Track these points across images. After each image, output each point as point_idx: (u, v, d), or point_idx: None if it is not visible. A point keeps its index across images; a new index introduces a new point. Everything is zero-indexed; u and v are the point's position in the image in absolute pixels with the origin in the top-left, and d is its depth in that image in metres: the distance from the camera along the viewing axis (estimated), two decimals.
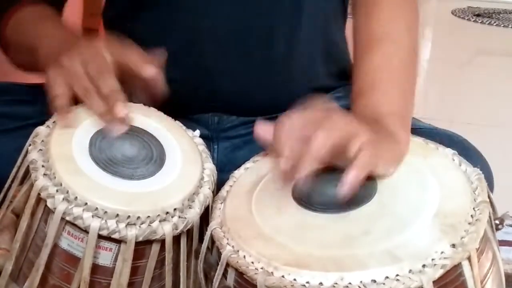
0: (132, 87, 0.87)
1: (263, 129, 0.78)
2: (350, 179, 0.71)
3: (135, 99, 0.88)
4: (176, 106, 0.91)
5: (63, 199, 0.74)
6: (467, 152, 0.85)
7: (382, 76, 0.87)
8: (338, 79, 1.08)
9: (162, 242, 0.78)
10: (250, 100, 1.02)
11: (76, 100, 0.84)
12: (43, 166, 0.77)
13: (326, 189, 0.76)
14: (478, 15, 3.59)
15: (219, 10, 0.99)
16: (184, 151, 0.86)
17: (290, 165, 0.73)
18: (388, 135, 0.79)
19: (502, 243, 1.12)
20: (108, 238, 0.75)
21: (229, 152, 1.05)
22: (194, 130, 0.91)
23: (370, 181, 0.76)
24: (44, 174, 0.76)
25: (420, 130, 0.87)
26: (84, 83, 0.83)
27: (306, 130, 0.73)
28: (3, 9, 1.01)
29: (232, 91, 1.02)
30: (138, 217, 0.75)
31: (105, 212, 0.74)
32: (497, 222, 0.77)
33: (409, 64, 0.90)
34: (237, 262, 0.71)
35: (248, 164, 0.86)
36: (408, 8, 0.95)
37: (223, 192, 0.82)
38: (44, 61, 0.89)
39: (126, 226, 0.75)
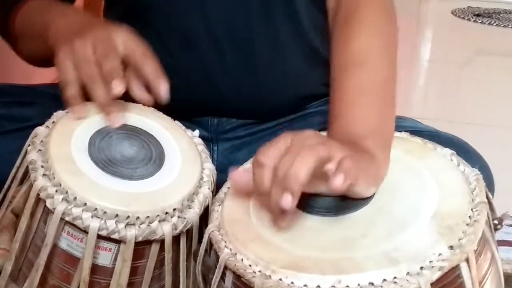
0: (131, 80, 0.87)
1: (239, 175, 0.78)
2: (339, 180, 0.69)
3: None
4: (175, 109, 0.91)
5: (62, 199, 0.75)
6: (467, 154, 0.85)
7: (359, 99, 0.86)
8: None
9: (162, 242, 0.78)
10: (249, 103, 1.02)
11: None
12: (42, 166, 0.77)
13: (324, 192, 0.76)
14: (478, 15, 3.59)
15: (215, 13, 0.99)
16: (183, 151, 0.86)
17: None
18: (366, 154, 0.77)
19: (502, 243, 1.12)
20: (107, 238, 0.75)
21: (229, 153, 1.05)
22: (193, 130, 0.91)
23: None
24: (44, 175, 0.76)
25: (420, 133, 0.87)
26: (91, 69, 0.83)
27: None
28: (12, 4, 1.01)
29: (230, 94, 1.02)
30: (138, 217, 0.75)
31: (105, 212, 0.74)
32: (495, 222, 0.77)
33: (386, 84, 0.88)
34: (235, 265, 0.70)
35: (247, 166, 0.86)
36: (386, 24, 0.93)
37: (221, 194, 0.82)
38: (54, 39, 0.89)
39: (125, 226, 0.75)
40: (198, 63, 1.00)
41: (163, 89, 0.85)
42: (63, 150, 0.79)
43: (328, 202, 0.75)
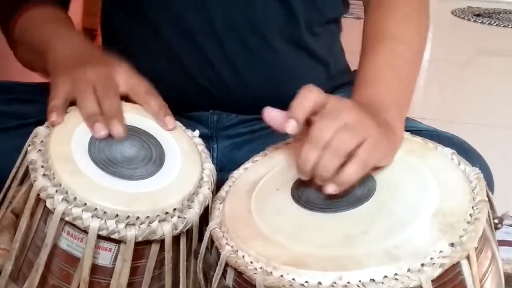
0: None
1: (272, 115, 0.79)
2: (351, 170, 0.73)
3: None
4: (175, 103, 0.91)
5: (62, 199, 0.74)
6: (468, 154, 0.85)
7: (386, 71, 0.89)
8: (333, 82, 1.08)
9: (162, 242, 0.78)
10: (248, 97, 1.03)
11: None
12: (42, 166, 0.77)
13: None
14: (478, 15, 3.59)
15: (214, 6, 0.99)
16: (183, 151, 0.86)
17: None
18: (387, 127, 0.80)
19: (502, 243, 1.12)
20: (107, 238, 0.75)
21: (229, 152, 1.05)
22: (194, 129, 0.91)
23: (368, 180, 0.76)
24: (44, 175, 0.76)
25: (420, 132, 0.87)
26: (85, 87, 0.84)
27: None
28: (13, 7, 1.01)
29: (230, 87, 1.02)
30: (138, 217, 0.75)
31: (105, 212, 0.74)
32: (496, 221, 0.77)
33: (413, 65, 0.92)
34: (236, 262, 0.71)
35: (247, 164, 0.86)
36: (420, 15, 0.97)
37: (222, 192, 0.82)
38: (53, 65, 0.89)
39: (125, 226, 0.75)
40: (198, 54, 1.01)
41: (168, 123, 0.87)
42: (63, 150, 0.79)
43: (329, 198, 0.75)
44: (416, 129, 0.91)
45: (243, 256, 0.71)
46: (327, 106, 0.76)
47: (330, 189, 0.73)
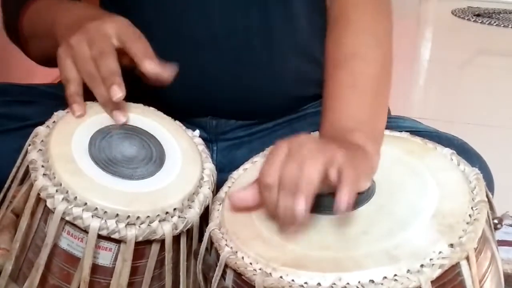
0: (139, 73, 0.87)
1: (240, 198, 0.77)
2: (345, 200, 0.69)
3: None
4: (173, 110, 0.91)
5: (62, 199, 0.75)
6: (467, 155, 0.85)
7: (348, 93, 0.86)
8: None
9: (162, 242, 0.78)
10: (248, 103, 1.02)
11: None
12: (42, 166, 0.77)
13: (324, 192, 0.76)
14: (478, 15, 3.58)
15: (213, 12, 0.99)
16: (183, 151, 0.86)
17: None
18: (357, 148, 0.78)
19: (502, 243, 1.12)
20: (107, 238, 0.75)
21: (228, 153, 1.05)
22: (193, 130, 0.91)
23: None
24: (44, 174, 0.76)
25: (419, 133, 0.87)
26: (89, 68, 0.84)
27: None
28: (18, 8, 1.00)
29: (229, 93, 1.02)
30: (138, 217, 0.76)
31: (105, 212, 0.74)
32: (495, 221, 0.77)
33: (378, 78, 0.89)
34: (236, 263, 0.71)
35: (246, 165, 0.86)
36: (376, 23, 0.94)
37: (221, 193, 0.82)
38: (59, 36, 0.89)
39: (125, 226, 0.75)
40: (196, 62, 1.00)
41: (148, 67, 0.84)
42: (64, 150, 0.79)
43: (328, 200, 0.75)
44: (415, 130, 0.91)
45: (243, 257, 0.71)
46: (288, 149, 0.73)
47: (344, 198, 0.69)
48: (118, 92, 0.82)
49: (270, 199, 0.72)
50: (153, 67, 0.84)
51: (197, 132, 0.91)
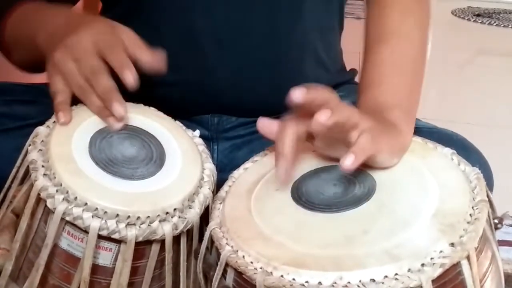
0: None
1: (265, 126, 0.79)
2: (348, 161, 0.71)
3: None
4: (175, 107, 0.91)
5: (63, 199, 0.74)
6: (467, 151, 0.85)
7: (389, 70, 0.88)
8: (332, 82, 1.08)
9: (162, 242, 0.78)
10: (249, 100, 1.03)
11: (75, 98, 0.85)
12: (43, 166, 0.77)
13: (325, 188, 0.77)
14: (478, 15, 3.59)
15: (217, 9, 0.99)
16: (184, 151, 0.86)
17: (288, 169, 0.73)
18: (391, 126, 0.79)
19: (502, 243, 1.12)
20: (108, 238, 0.75)
21: (229, 153, 1.05)
22: (194, 130, 0.91)
23: (368, 180, 0.76)
24: (44, 174, 0.76)
25: (419, 129, 0.87)
26: (78, 81, 0.84)
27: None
28: (2, 11, 1.00)
29: (231, 91, 1.02)
30: (138, 217, 0.75)
31: (105, 212, 0.74)
32: (496, 221, 0.77)
33: (417, 60, 0.92)
34: (236, 262, 0.71)
35: (247, 164, 0.86)
36: (419, 6, 0.97)
37: (222, 192, 0.82)
38: (45, 52, 0.88)
39: (126, 226, 0.75)
40: (199, 59, 1.00)
41: (127, 80, 0.83)
42: (64, 150, 0.79)
43: (329, 198, 0.75)
44: (415, 127, 0.91)
45: (243, 256, 0.71)
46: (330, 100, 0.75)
47: (349, 160, 0.71)
48: (120, 108, 0.82)
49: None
50: (130, 79, 0.83)
51: (197, 132, 0.91)
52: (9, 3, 1.00)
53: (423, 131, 0.87)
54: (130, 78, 0.82)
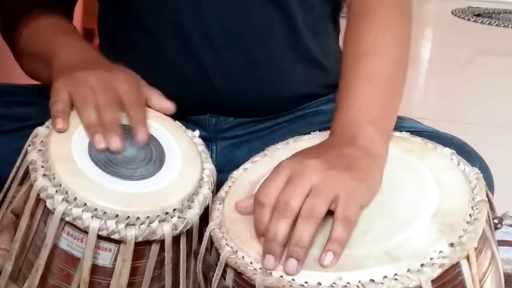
0: None
1: (243, 207, 0.77)
2: (328, 260, 0.69)
3: None
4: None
5: (62, 199, 0.74)
6: (467, 155, 0.85)
7: (364, 86, 0.87)
8: (328, 88, 1.08)
9: (162, 242, 0.78)
10: (245, 101, 1.03)
11: None
12: (42, 166, 0.77)
13: None
14: (478, 15, 3.59)
15: (210, 9, 0.99)
16: (183, 151, 0.86)
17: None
18: (365, 153, 0.78)
19: (502, 243, 1.12)
20: (107, 239, 0.75)
21: (228, 153, 1.05)
22: (192, 130, 0.91)
23: None
24: (44, 175, 0.76)
25: (419, 133, 0.87)
26: (85, 93, 0.83)
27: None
28: (17, 19, 1.00)
29: (227, 91, 1.02)
30: (138, 218, 0.75)
31: (105, 212, 0.74)
32: (495, 221, 0.77)
33: (393, 77, 0.90)
34: (236, 262, 0.71)
35: (247, 165, 0.86)
36: (399, 23, 0.95)
37: (221, 192, 0.82)
38: (57, 71, 0.88)
39: (125, 226, 0.75)
40: (193, 60, 1.00)
41: (140, 137, 0.84)
42: (63, 150, 0.79)
43: None
44: (416, 130, 0.91)
45: (243, 257, 0.71)
46: (291, 172, 0.74)
47: (328, 259, 0.69)
48: (117, 143, 0.81)
49: (260, 216, 0.72)
50: (143, 137, 0.84)
51: (197, 132, 0.91)
52: (24, 14, 1.00)
53: (423, 134, 0.87)
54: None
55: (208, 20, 0.99)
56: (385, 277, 0.65)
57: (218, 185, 0.85)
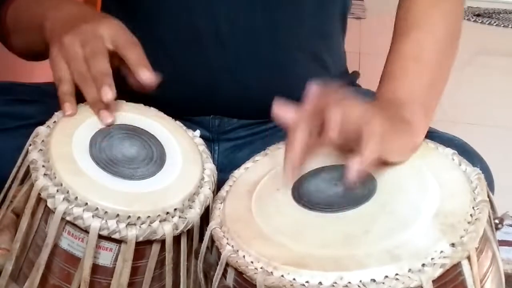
0: (126, 74, 0.87)
1: (282, 110, 0.79)
2: (355, 165, 0.71)
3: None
4: (176, 108, 0.91)
5: (63, 199, 0.74)
6: (468, 155, 0.85)
7: (410, 64, 0.88)
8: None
9: (162, 242, 0.78)
10: (251, 102, 1.03)
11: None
12: (43, 166, 0.77)
13: (326, 188, 0.77)
14: (478, 15, 3.58)
15: (219, 10, 0.99)
16: (184, 151, 0.86)
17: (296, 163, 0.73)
18: (404, 124, 0.79)
19: (502, 243, 1.12)
20: (108, 238, 0.75)
21: (230, 153, 1.05)
22: (194, 130, 0.91)
23: (370, 180, 0.76)
24: (45, 174, 0.76)
25: None
26: (80, 67, 0.83)
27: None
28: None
29: (232, 92, 1.02)
30: (139, 217, 0.75)
31: (106, 212, 0.74)
32: (496, 221, 0.77)
33: (441, 53, 0.91)
34: (237, 261, 0.71)
35: (248, 164, 0.86)
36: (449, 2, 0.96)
37: (222, 192, 0.82)
38: (49, 33, 0.88)
39: (126, 226, 0.75)
40: (201, 60, 1.00)
41: (144, 77, 0.84)
42: (64, 150, 0.79)
43: (329, 198, 0.75)
44: None
45: (244, 256, 0.71)
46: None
47: (356, 165, 0.71)
48: (109, 92, 0.81)
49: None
50: (148, 77, 0.84)
51: (197, 132, 0.91)
52: None
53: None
54: (147, 74, 0.83)
55: (217, 20, 0.99)
56: (386, 276, 0.65)
57: (219, 185, 0.85)
